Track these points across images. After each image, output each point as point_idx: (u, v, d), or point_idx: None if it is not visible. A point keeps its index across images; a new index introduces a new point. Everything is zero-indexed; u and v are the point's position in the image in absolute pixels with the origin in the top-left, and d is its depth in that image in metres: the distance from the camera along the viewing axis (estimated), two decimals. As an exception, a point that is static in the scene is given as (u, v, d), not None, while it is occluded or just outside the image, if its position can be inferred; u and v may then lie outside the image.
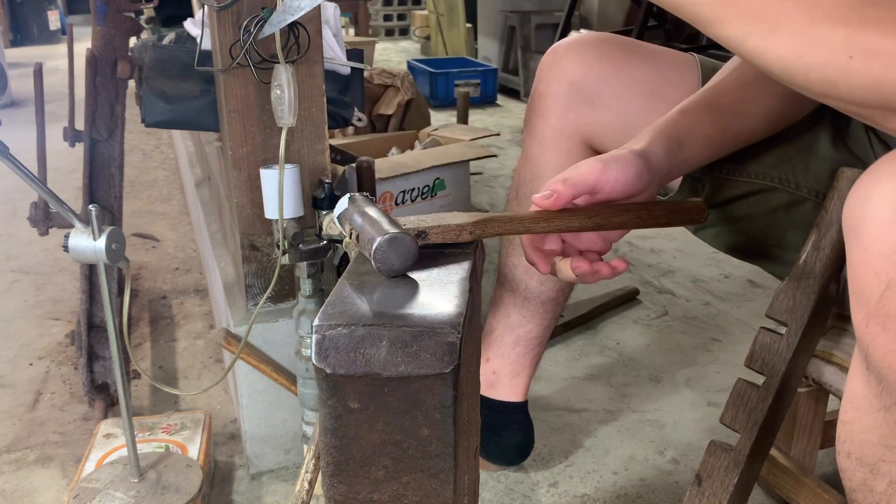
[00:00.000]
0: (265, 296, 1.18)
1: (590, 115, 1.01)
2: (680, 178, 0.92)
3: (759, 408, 0.82)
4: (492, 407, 1.22)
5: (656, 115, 0.94)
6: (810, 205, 0.89)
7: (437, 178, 1.98)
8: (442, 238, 0.61)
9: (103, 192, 1.46)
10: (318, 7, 1.10)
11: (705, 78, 0.93)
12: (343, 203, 0.64)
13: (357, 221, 0.61)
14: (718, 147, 0.81)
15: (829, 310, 0.87)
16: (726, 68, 0.85)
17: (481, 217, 0.63)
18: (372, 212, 0.61)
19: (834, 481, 1.24)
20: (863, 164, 0.88)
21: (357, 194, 0.65)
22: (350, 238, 0.62)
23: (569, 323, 1.73)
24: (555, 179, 0.68)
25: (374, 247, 0.56)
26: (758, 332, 0.85)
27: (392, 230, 0.57)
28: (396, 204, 1.90)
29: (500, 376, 1.21)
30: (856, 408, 0.56)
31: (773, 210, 0.91)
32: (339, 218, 0.64)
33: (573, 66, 1.00)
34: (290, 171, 1.04)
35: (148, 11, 3.54)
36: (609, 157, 0.70)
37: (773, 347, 0.83)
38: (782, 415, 0.87)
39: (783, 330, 0.83)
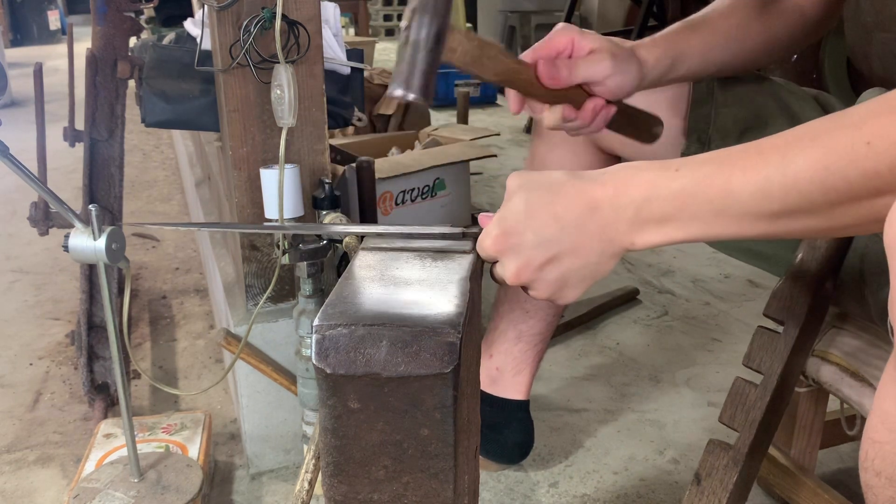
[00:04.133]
0: (265, 296, 1.18)
1: None
2: None
3: (757, 406, 0.82)
4: (493, 404, 1.23)
5: (656, 110, 0.95)
6: None
7: (437, 178, 1.98)
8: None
9: (103, 192, 1.46)
10: (318, 7, 1.10)
11: None
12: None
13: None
14: (700, 69, 0.91)
15: (826, 308, 0.87)
16: (716, 4, 0.94)
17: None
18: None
19: (834, 481, 1.24)
20: None
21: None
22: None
23: (569, 323, 1.73)
24: (567, 64, 0.76)
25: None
26: (755, 331, 0.85)
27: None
28: (396, 204, 1.89)
29: (503, 372, 1.22)
30: (889, 428, 0.54)
31: None
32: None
33: None
34: (290, 171, 1.04)
35: (148, 11, 3.54)
36: (619, 62, 0.79)
37: (770, 346, 0.83)
38: (780, 413, 0.87)
39: (781, 329, 0.83)
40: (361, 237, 0.77)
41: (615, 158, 1.08)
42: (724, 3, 0.91)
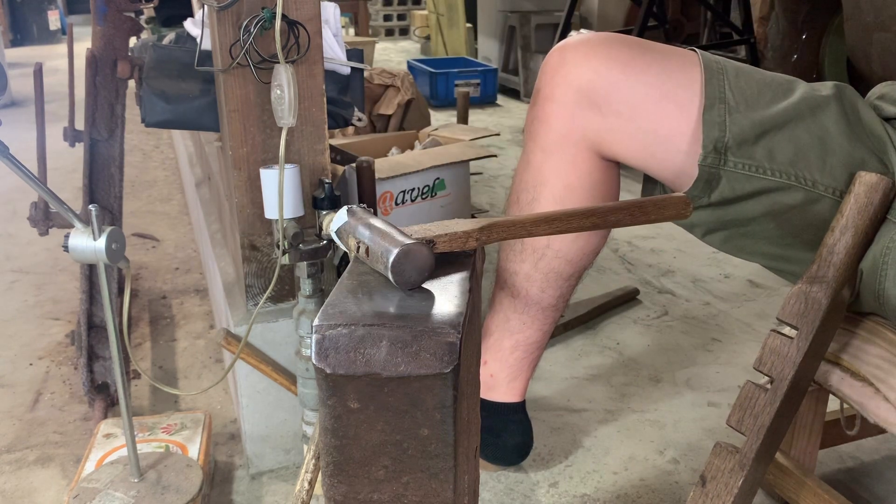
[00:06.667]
0: (265, 296, 1.18)
1: (598, 121, 0.97)
2: (696, 173, 0.90)
3: (766, 411, 0.81)
4: (489, 409, 1.22)
5: (666, 119, 0.92)
6: (827, 203, 0.87)
7: (437, 178, 1.98)
8: (450, 247, 0.61)
9: (103, 192, 1.47)
10: (318, 7, 1.10)
11: (708, 73, 0.90)
12: (342, 216, 0.63)
13: (365, 234, 0.59)
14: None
15: (841, 315, 0.85)
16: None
17: (486, 223, 0.63)
18: (378, 223, 0.60)
19: (834, 481, 1.24)
20: (879, 160, 0.88)
21: (355, 206, 0.64)
22: (357, 252, 0.60)
23: (569, 323, 1.73)
24: None
25: (391, 260, 0.54)
26: (767, 335, 0.83)
27: (406, 241, 0.55)
28: (396, 204, 1.89)
29: (498, 380, 1.20)
30: None
31: (788, 209, 0.89)
32: (338, 232, 0.62)
33: (580, 72, 0.96)
34: (290, 171, 1.04)
35: (148, 11, 3.54)
36: None
37: (782, 351, 0.81)
38: (790, 419, 0.86)
39: (793, 333, 0.82)
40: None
41: (616, 165, 1.04)
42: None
